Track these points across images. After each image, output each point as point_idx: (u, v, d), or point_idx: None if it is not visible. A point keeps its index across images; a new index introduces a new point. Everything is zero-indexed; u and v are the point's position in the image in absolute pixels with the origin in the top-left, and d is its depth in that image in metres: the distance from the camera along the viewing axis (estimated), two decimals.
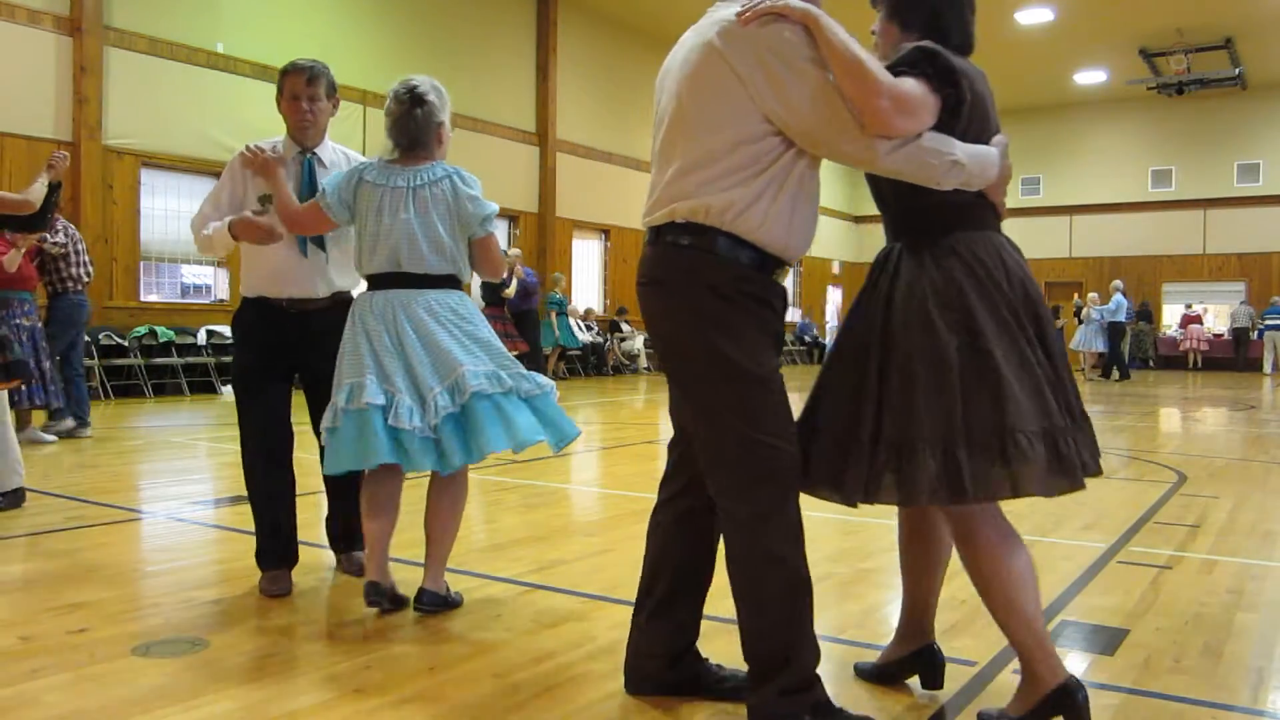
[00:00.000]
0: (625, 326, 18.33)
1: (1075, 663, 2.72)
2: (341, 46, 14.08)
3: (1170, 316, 23.87)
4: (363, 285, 3.21)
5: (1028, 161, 25.09)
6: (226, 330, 12.24)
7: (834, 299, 27.00)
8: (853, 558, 3.86)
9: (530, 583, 3.46)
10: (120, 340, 11.24)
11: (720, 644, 2.70)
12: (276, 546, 3.33)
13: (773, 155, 2.11)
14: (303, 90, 3.33)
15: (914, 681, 2.56)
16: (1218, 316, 23.46)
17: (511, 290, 11.31)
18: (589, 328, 17.40)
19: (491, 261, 3.17)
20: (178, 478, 6.02)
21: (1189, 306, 23.14)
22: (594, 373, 17.03)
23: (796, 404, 2.26)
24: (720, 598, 2.98)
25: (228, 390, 12.04)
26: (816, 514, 4.97)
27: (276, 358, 3.34)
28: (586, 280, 18.71)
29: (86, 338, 10.90)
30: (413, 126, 3.02)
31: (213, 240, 3.26)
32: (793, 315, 24.85)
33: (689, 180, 2.17)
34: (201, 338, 12.09)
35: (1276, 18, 18.17)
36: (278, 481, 3.35)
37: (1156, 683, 2.55)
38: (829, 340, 21.59)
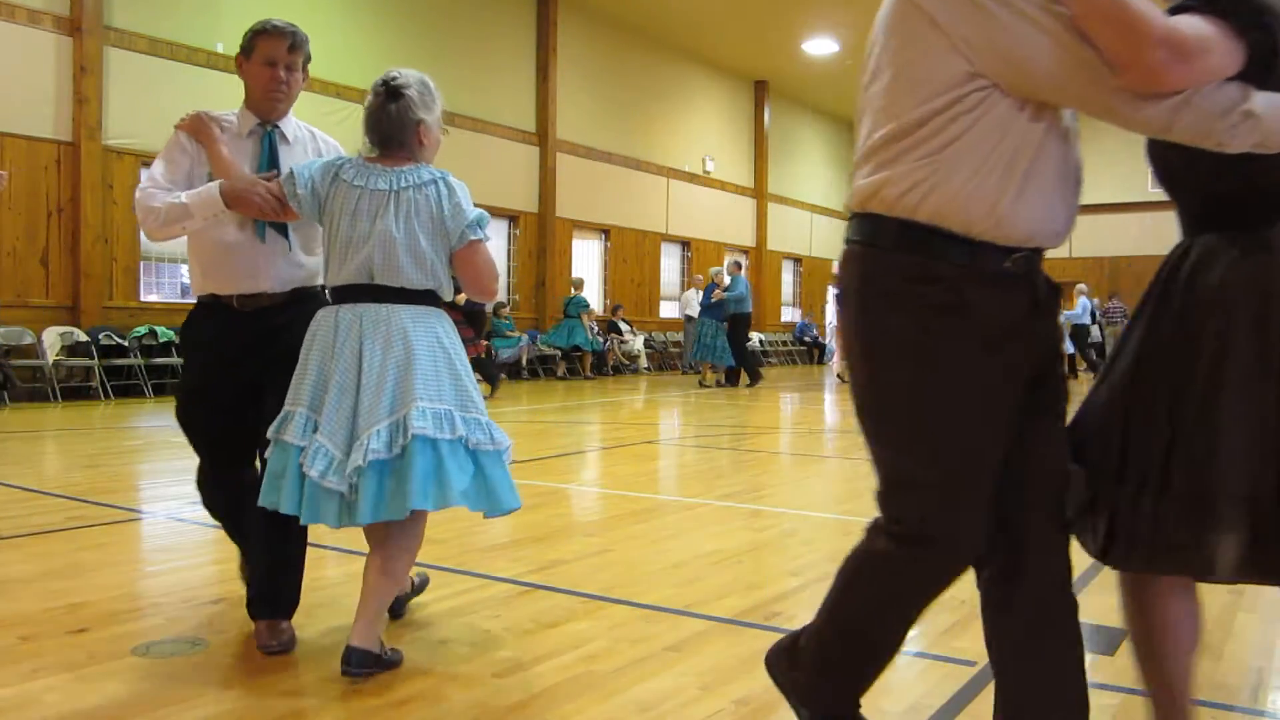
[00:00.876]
0: (624, 327, 18.33)
1: None
2: (341, 46, 14.08)
3: None
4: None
5: None
6: None
7: (833, 299, 26.96)
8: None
9: (530, 583, 3.46)
10: (120, 340, 11.24)
11: (722, 644, 2.70)
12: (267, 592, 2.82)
13: (975, 117, 1.60)
14: (282, 56, 2.86)
15: (913, 681, 2.56)
16: None
17: (462, 298, 11.06)
18: (590, 328, 17.42)
19: (476, 277, 2.75)
20: (178, 478, 6.01)
21: None
22: (594, 373, 17.04)
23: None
24: (721, 595, 2.98)
25: None
26: (816, 514, 4.99)
27: (229, 371, 2.88)
28: (586, 280, 18.71)
29: (86, 337, 10.94)
30: (385, 122, 2.67)
31: (188, 209, 2.70)
32: (792, 315, 24.86)
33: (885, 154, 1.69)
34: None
35: None
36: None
37: None
38: (829, 340, 21.58)
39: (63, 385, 10.80)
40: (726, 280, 14.59)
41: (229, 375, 2.88)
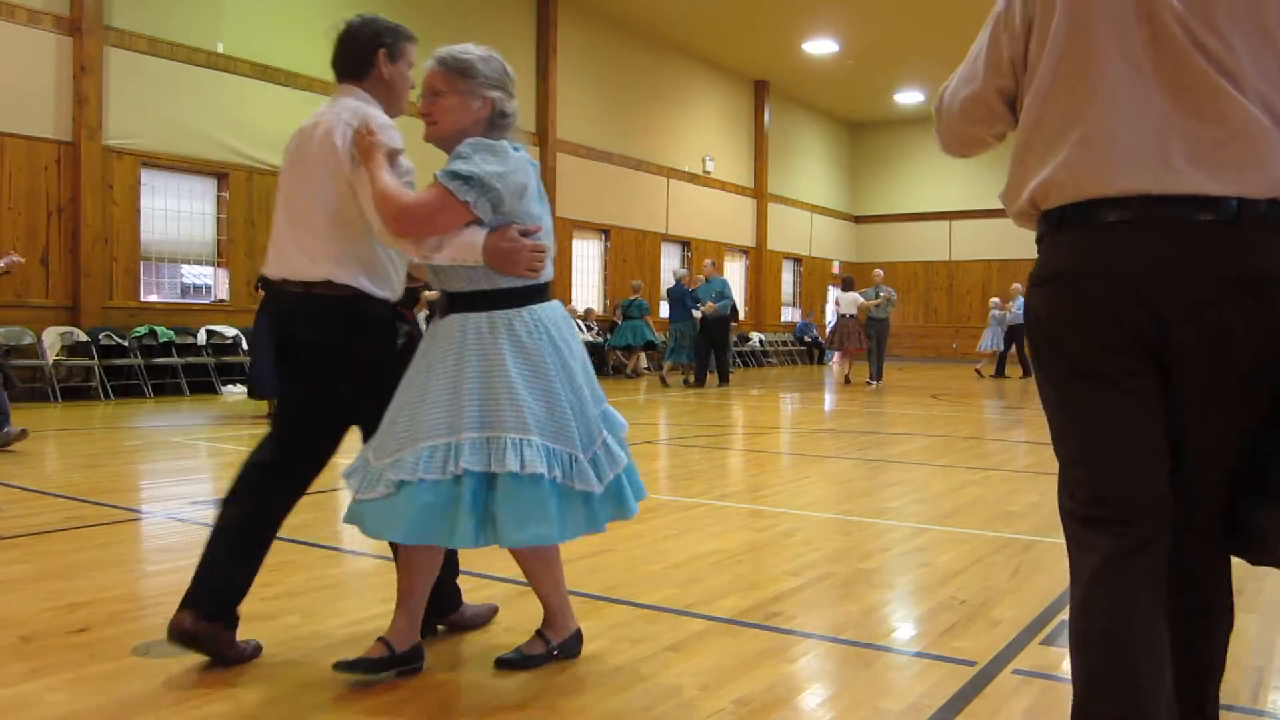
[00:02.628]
0: None
1: None
2: None
3: None
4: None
5: None
6: (227, 330, 12.26)
7: (833, 299, 26.96)
8: (853, 558, 3.86)
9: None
10: (120, 340, 11.24)
11: (722, 644, 2.71)
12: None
13: None
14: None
15: (913, 681, 2.56)
16: None
17: (424, 302, 10.96)
18: (589, 328, 17.41)
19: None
20: (178, 478, 6.02)
21: None
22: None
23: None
24: (721, 595, 2.98)
25: (228, 390, 12.05)
26: (816, 514, 4.99)
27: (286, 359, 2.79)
28: (586, 280, 18.71)
29: (86, 337, 10.94)
30: None
31: (440, 244, 2.48)
32: (792, 315, 24.85)
33: None
34: (201, 338, 12.09)
35: None
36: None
37: None
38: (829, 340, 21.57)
39: (63, 385, 10.80)
40: (700, 280, 14.79)
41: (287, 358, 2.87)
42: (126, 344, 11.28)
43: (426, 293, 3.21)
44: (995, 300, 19.05)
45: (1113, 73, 1.64)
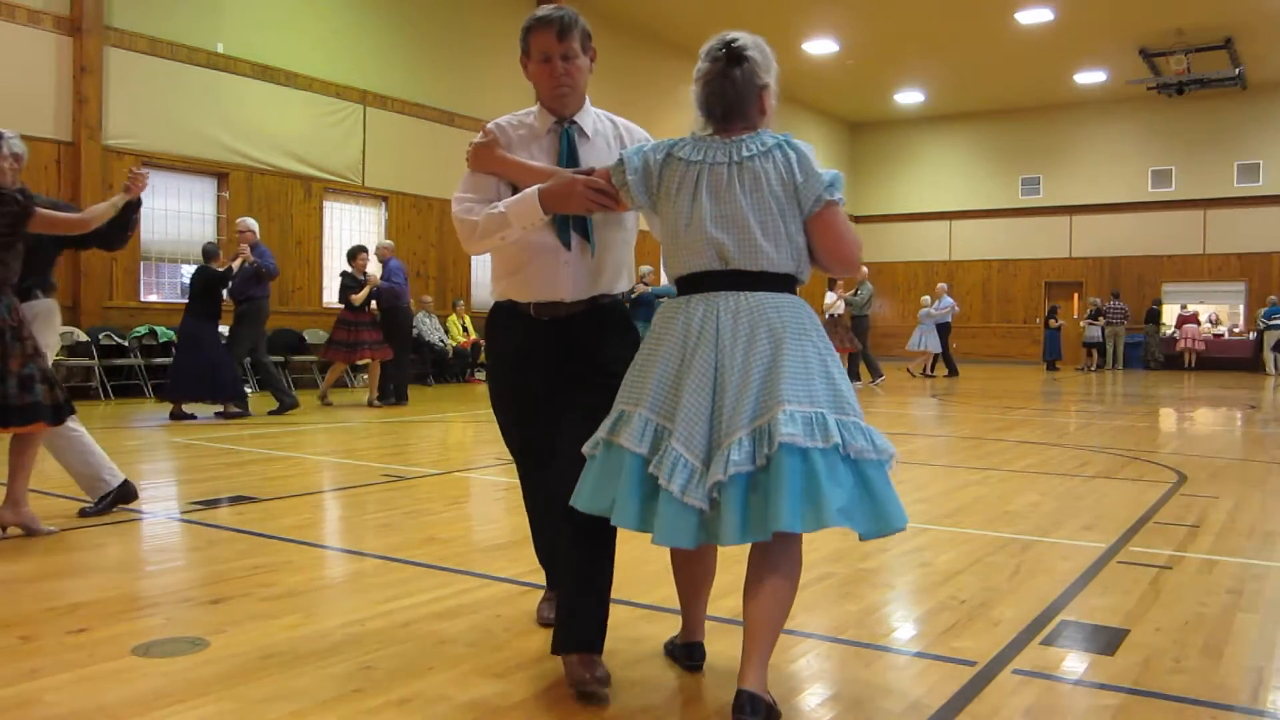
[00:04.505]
0: None
1: (1075, 663, 2.72)
2: (341, 47, 14.09)
3: (1169, 316, 23.87)
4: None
5: (1028, 161, 25.13)
6: (226, 330, 12.24)
7: (829, 299, 26.92)
8: (852, 558, 3.86)
9: (530, 583, 3.46)
10: (120, 340, 11.24)
11: (722, 644, 2.70)
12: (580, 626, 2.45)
13: None
14: (554, 47, 2.63)
15: (913, 681, 2.56)
16: (1218, 316, 23.49)
17: (361, 296, 10.65)
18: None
19: (836, 244, 2.39)
20: (178, 478, 6.02)
21: (1184, 307, 23.17)
22: None
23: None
24: (721, 595, 2.98)
25: None
26: None
27: (526, 380, 2.71)
28: None
29: (86, 337, 10.94)
30: (730, 91, 2.38)
31: (506, 218, 2.51)
32: None
33: None
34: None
35: (1276, 18, 18.17)
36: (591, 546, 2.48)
37: (1156, 683, 2.55)
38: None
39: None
40: (663, 280, 14.74)
41: (526, 385, 2.71)
42: (126, 344, 11.28)
43: None
44: (926, 299, 19.13)
45: None
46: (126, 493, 4.63)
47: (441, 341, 14.80)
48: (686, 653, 2.63)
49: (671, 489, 2.17)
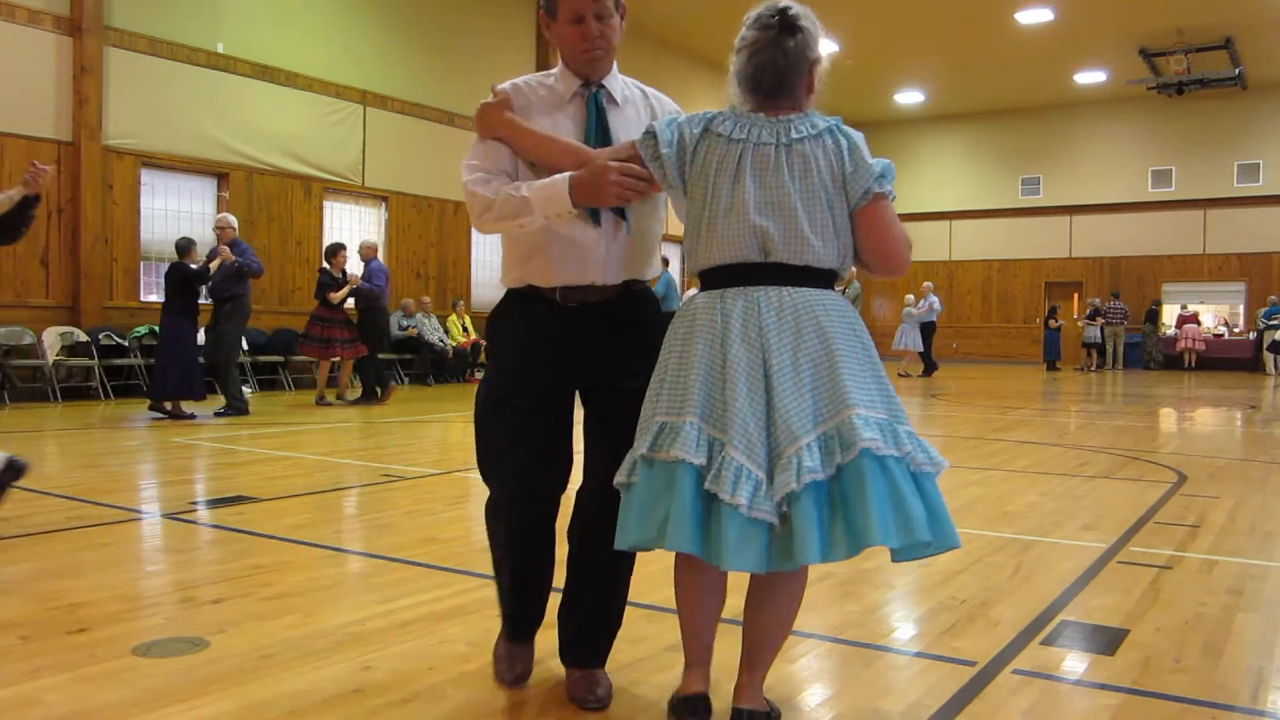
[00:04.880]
0: None
1: (1075, 663, 2.72)
2: (341, 47, 14.09)
3: (1170, 316, 23.88)
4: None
5: (1028, 161, 25.12)
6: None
7: None
8: (852, 557, 3.86)
9: None
10: (120, 340, 11.24)
11: (722, 644, 2.70)
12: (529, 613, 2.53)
13: None
14: (588, 7, 2.31)
15: (913, 681, 2.56)
16: (1218, 316, 23.50)
17: (340, 295, 10.63)
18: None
19: (881, 239, 2.15)
20: (178, 478, 6.02)
21: (1184, 307, 23.18)
22: None
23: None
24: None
25: None
26: None
27: (545, 379, 2.39)
28: None
29: (86, 337, 10.94)
30: (781, 62, 2.18)
31: (529, 204, 2.22)
32: None
33: None
34: (201, 338, 12.06)
35: (1276, 18, 18.17)
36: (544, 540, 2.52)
37: (1156, 683, 2.55)
38: None
39: (63, 385, 10.80)
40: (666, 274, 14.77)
41: (538, 377, 2.38)
42: (126, 344, 11.28)
43: None
44: (910, 298, 19.17)
45: None
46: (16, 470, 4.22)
47: (441, 341, 14.80)
48: (689, 707, 2.18)
49: (738, 503, 1.93)
